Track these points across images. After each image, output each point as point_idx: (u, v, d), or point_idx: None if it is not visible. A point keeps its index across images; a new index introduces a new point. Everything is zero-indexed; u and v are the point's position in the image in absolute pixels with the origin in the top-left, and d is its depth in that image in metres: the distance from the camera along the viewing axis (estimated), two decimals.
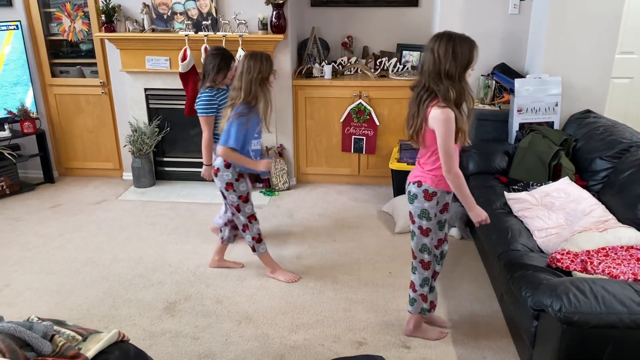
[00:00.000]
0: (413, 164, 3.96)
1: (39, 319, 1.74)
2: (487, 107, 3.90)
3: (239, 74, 2.87)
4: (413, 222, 2.47)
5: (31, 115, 4.51)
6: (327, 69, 4.36)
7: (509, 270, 2.51)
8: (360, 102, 4.27)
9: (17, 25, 4.37)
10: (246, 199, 3.05)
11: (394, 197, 4.07)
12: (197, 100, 3.23)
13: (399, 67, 4.48)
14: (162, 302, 2.98)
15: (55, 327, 1.71)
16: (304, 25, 4.66)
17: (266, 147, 4.49)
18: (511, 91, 3.76)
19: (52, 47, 4.64)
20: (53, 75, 4.65)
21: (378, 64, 4.53)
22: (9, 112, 4.45)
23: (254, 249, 3.17)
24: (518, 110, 3.64)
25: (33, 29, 4.53)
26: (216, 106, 3.20)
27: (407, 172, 3.94)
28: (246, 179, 3.05)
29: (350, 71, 4.51)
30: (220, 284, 3.16)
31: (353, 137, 4.38)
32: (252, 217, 3.09)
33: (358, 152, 4.43)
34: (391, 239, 3.68)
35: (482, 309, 2.89)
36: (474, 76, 4.05)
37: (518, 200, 3.06)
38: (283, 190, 4.49)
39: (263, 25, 4.12)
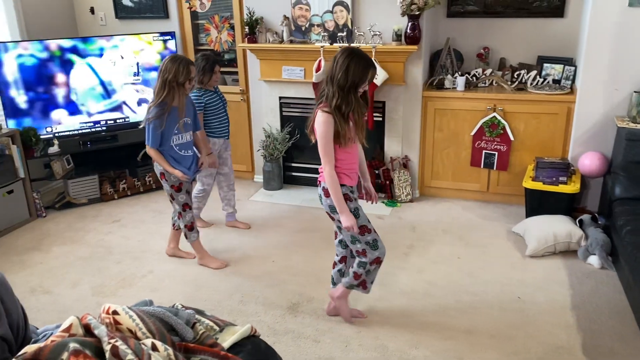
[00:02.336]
0: (550, 183, 3.74)
1: (183, 306, 1.88)
2: (639, 126, 3.55)
3: (158, 71, 3.12)
4: (333, 219, 2.69)
5: None
6: (460, 81, 4.25)
7: None
8: (494, 116, 4.10)
9: (172, 36, 4.82)
10: (178, 189, 3.32)
11: (527, 217, 3.85)
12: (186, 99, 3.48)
13: (538, 81, 4.23)
14: (286, 302, 3.09)
15: (197, 316, 1.84)
16: (438, 36, 4.58)
17: (390, 157, 4.48)
18: None
19: None
20: None
21: (515, 76, 4.32)
22: None
23: (186, 236, 3.46)
24: None
25: (185, 39, 4.97)
26: (203, 104, 3.67)
27: (543, 192, 3.76)
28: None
29: (485, 83, 4.35)
30: None
31: (484, 151, 4.21)
32: (186, 206, 3.38)
33: (488, 167, 4.26)
34: (521, 261, 3.48)
35: (624, 348, 2.62)
36: (627, 91, 3.71)
37: None
38: (405, 202, 4.44)
39: (397, 37, 4.13)
